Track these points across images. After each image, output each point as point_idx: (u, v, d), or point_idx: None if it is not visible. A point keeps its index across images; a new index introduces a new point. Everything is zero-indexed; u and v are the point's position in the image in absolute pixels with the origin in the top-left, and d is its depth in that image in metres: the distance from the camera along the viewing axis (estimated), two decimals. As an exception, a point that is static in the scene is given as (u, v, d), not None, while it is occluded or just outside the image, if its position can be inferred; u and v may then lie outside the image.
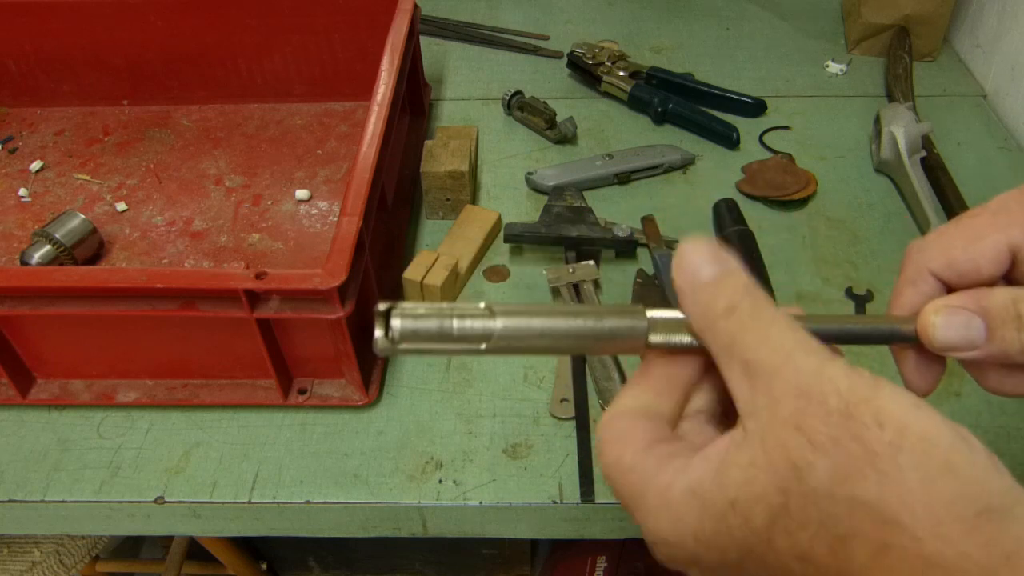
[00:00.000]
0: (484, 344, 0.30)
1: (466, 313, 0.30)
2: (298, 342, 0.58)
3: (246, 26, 0.85)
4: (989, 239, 0.32)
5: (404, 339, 0.29)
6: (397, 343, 0.29)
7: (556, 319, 0.30)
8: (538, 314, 0.30)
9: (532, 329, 0.30)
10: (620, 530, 0.57)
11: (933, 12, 0.92)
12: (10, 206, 0.80)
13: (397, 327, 0.29)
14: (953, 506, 0.23)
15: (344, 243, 0.53)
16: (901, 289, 0.34)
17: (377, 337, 0.29)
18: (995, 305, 0.30)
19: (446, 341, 0.30)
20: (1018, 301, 0.30)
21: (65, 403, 0.61)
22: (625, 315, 0.31)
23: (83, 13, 0.84)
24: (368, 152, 0.60)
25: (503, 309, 0.30)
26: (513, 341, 0.30)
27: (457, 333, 0.30)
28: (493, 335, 0.30)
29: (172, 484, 0.57)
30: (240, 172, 0.82)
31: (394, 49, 0.72)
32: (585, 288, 0.66)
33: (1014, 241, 0.32)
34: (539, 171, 0.79)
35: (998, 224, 0.32)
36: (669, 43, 1.00)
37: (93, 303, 0.54)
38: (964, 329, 0.30)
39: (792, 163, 0.80)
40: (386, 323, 0.29)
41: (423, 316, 0.29)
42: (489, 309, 0.30)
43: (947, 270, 0.33)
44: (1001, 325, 0.30)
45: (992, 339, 0.30)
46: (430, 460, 0.57)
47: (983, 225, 0.33)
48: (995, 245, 0.32)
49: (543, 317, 0.30)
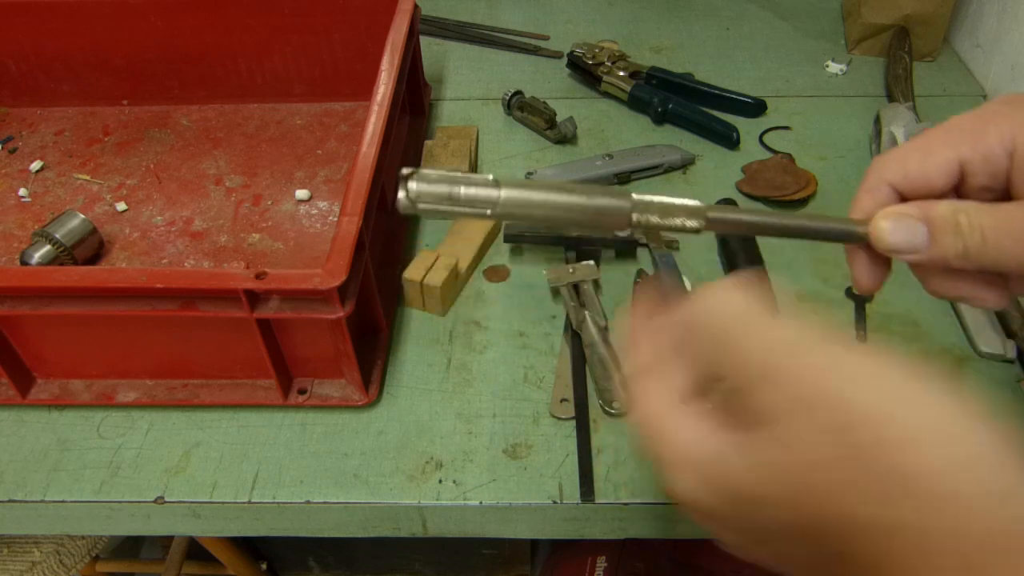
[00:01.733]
0: (489, 210, 0.35)
1: (474, 182, 0.35)
2: (298, 342, 0.58)
3: (246, 26, 0.85)
4: (941, 155, 0.35)
5: (420, 199, 0.35)
6: (415, 202, 0.35)
7: (553, 194, 0.36)
8: (538, 188, 0.36)
9: (532, 200, 0.35)
10: (620, 530, 0.57)
11: (933, 12, 0.92)
12: (10, 206, 0.80)
13: (414, 189, 0.35)
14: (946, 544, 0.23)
15: (344, 243, 0.53)
16: (860, 196, 0.37)
17: (399, 197, 0.35)
18: (938, 215, 0.33)
19: (456, 204, 0.35)
20: (958, 212, 0.33)
21: (65, 403, 0.61)
22: (613, 195, 0.36)
23: (83, 13, 0.84)
24: (368, 152, 0.60)
25: (507, 181, 0.35)
26: (514, 209, 0.35)
27: (464, 198, 0.35)
28: (498, 203, 0.35)
29: (172, 484, 0.57)
30: (240, 172, 0.83)
31: (394, 49, 0.72)
32: (585, 288, 0.66)
33: (963, 157, 0.35)
34: (539, 171, 0.79)
35: (950, 141, 0.35)
36: (669, 43, 1.00)
37: (93, 303, 0.54)
38: (909, 234, 0.34)
39: (792, 163, 0.80)
40: (407, 186, 0.35)
41: (437, 181, 0.35)
42: (496, 181, 0.35)
43: (903, 181, 0.36)
44: (942, 232, 0.33)
45: (933, 244, 0.33)
46: (430, 460, 0.57)
47: (936, 142, 0.36)
48: (946, 160, 0.35)
49: (542, 191, 0.36)
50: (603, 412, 0.59)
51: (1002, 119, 0.35)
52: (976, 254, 0.33)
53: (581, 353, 0.63)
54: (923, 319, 0.66)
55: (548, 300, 0.68)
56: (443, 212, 0.35)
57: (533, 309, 0.68)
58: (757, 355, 0.28)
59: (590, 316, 0.64)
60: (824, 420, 0.25)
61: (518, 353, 0.64)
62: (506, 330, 0.66)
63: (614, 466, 0.56)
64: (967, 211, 0.33)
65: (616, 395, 0.59)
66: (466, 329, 0.66)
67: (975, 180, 0.36)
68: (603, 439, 0.58)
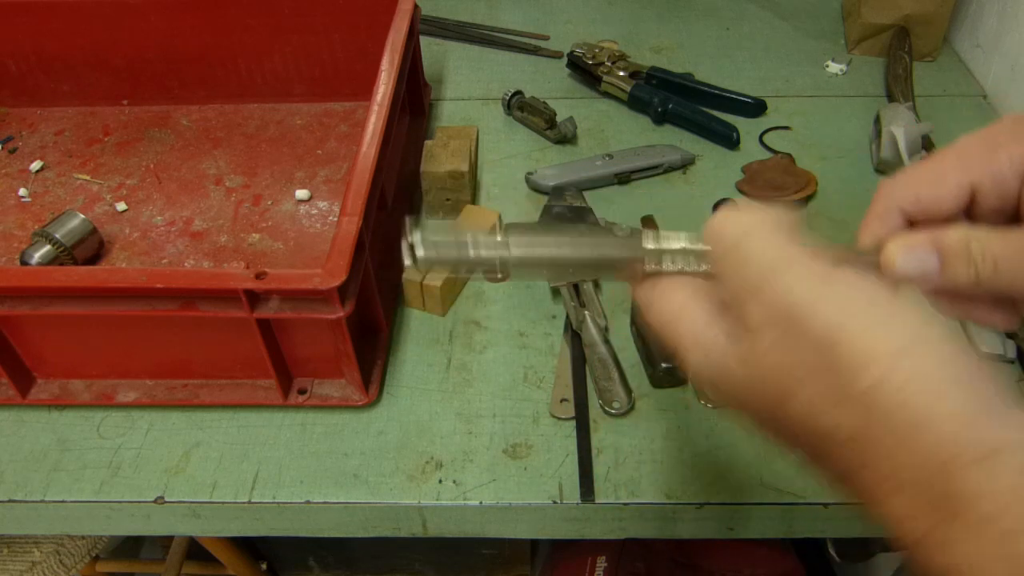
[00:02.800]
0: (500, 274, 0.35)
1: (481, 244, 0.35)
2: (298, 342, 0.58)
3: (246, 26, 0.85)
4: (952, 178, 0.35)
5: (427, 264, 0.34)
6: (421, 267, 0.35)
7: (563, 250, 0.35)
8: (546, 245, 0.35)
9: (541, 258, 0.35)
10: (620, 530, 0.57)
11: (933, 12, 0.92)
12: (10, 206, 0.80)
13: (421, 256, 0.34)
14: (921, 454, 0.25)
15: (344, 243, 0.53)
16: (869, 222, 0.37)
17: (406, 264, 0.34)
18: (949, 243, 0.33)
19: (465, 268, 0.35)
20: (969, 239, 0.33)
21: (65, 403, 0.61)
22: (624, 247, 0.35)
23: (83, 13, 0.84)
24: (368, 152, 0.60)
25: (517, 241, 0.35)
26: (524, 270, 0.35)
27: (474, 260, 0.35)
28: (508, 264, 0.35)
29: (172, 484, 0.57)
30: (240, 172, 0.82)
31: (394, 49, 0.72)
32: (585, 288, 0.66)
33: (974, 180, 0.35)
34: (539, 171, 0.79)
35: (960, 164, 0.36)
36: (669, 43, 1.00)
37: (93, 303, 0.54)
38: (920, 263, 0.34)
39: (792, 163, 0.80)
40: (415, 255, 0.34)
41: (444, 245, 0.34)
42: (505, 241, 0.34)
43: (914, 206, 0.36)
44: (953, 260, 0.33)
45: (945, 272, 0.33)
46: (430, 460, 0.57)
47: (946, 166, 0.36)
48: (957, 184, 0.35)
49: (551, 248, 0.35)
50: (603, 412, 0.59)
51: (1012, 140, 0.35)
52: (988, 280, 0.33)
53: (581, 353, 0.63)
54: (923, 319, 0.66)
55: (548, 300, 0.68)
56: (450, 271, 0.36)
57: (533, 309, 0.68)
58: (755, 268, 0.31)
59: (590, 316, 0.64)
60: (793, 332, 0.28)
61: (518, 353, 0.64)
62: (506, 330, 0.66)
63: (614, 466, 0.56)
64: (978, 238, 0.33)
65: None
66: (466, 329, 0.66)
67: (985, 202, 0.36)
68: (603, 439, 0.58)
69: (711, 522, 0.57)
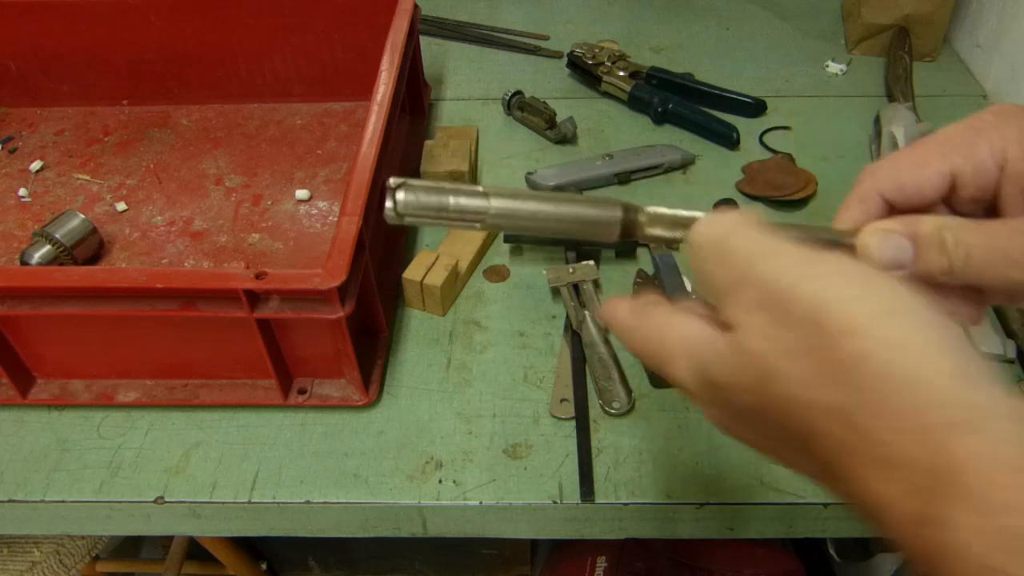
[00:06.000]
0: (479, 223, 0.35)
1: (463, 192, 0.34)
2: (298, 342, 0.58)
3: (246, 26, 0.85)
4: (933, 166, 0.36)
5: (408, 211, 0.34)
6: (402, 214, 0.34)
7: (543, 204, 0.35)
8: (528, 198, 0.35)
9: (521, 211, 0.35)
10: (620, 530, 0.57)
11: (933, 12, 0.92)
12: (10, 206, 0.80)
13: (401, 200, 0.34)
14: (904, 418, 0.25)
15: (344, 243, 0.53)
16: (850, 204, 0.38)
17: (387, 207, 0.34)
18: (924, 232, 0.34)
19: (445, 215, 0.35)
20: (943, 229, 0.34)
21: (65, 403, 0.61)
22: (603, 206, 0.36)
23: (83, 13, 0.84)
24: (368, 152, 0.60)
25: (497, 191, 0.35)
26: (504, 220, 0.35)
27: (454, 209, 0.34)
28: (488, 213, 0.34)
29: (172, 484, 0.57)
30: (240, 172, 0.83)
31: (394, 49, 0.72)
32: (585, 288, 0.66)
33: (955, 167, 0.36)
34: (539, 171, 0.79)
35: (942, 152, 0.36)
36: (669, 43, 1.00)
37: (93, 303, 0.54)
38: (895, 250, 0.34)
39: (792, 163, 0.80)
40: (395, 196, 0.34)
41: (425, 192, 0.34)
42: (485, 191, 0.34)
43: (895, 192, 0.37)
44: (927, 249, 0.34)
45: (919, 260, 0.34)
46: (430, 460, 0.57)
47: (928, 153, 0.36)
48: (938, 172, 0.36)
49: (532, 201, 0.35)
50: (603, 412, 0.59)
51: (994, 131, 0.35)
52: (960, 271, 0.33)
53: (581, 353, 0.63)
54: (923, 319, 0.66)
55: (548, 300, 0.68)
56: (431, 223, 0.35)
57: (533, 309, 0.68)
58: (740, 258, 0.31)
59: (590, 316, 0.64)
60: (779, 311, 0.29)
61: (518, 353, 0.64)
62: (506, 330, 0.66)
63: (614, 466, 0.56)
64: (952, 228, 0.34)
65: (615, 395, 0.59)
66: (466, 329, 0.66)
67: (965, 191, 0.36)
68: (603, 439, 0.58)
69: (711, 522, 0.57)
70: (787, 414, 0.29)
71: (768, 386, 0.29)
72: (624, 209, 0.36)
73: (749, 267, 0.30)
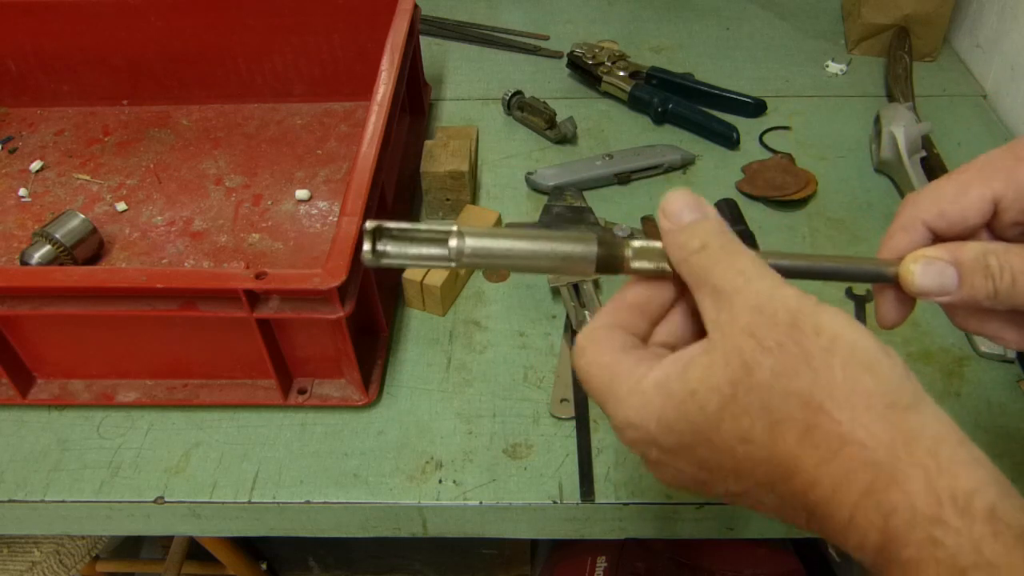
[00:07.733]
0: (455, 263, 0.35)
1: (437, 237, 0.35)
2: (298, 342, 0.58)
3: (246, 26, 0.85)
4: (976, 191, 0.36)
5: (385, 257, 0.35)
6: (379, 258, 0.35)
7: (517, 242, 0.36)
8: (502, 236, 0.36)
9: (495, 250, 0.36)
10: (620, 530, 0.57)
11: (933, 12, 0.92)
12: (10, 206, 0.80)
13: (379, 247, 0.35)
14: (869, 398, 0.29)
15: (344, 243, 0.53)
16: (894, 233, 0.38)
17: (364, 251, 0.35)
18: (967, 257, 0.34)
19: (421, 258, 0.36)
20: (987, 254, 0.34)
21: (65, 403, 0.61)
22: (578, 242, 0.36)
23: (83, 13, 0.84)
24: (368, 152, 0.60)
25: (471, 231, 0.35)
26: (479, 259, 0.36)
27: (427, 255, 0.35)
28: (463, 254, 0.35)
29: (172, 484, 0.57)
30: (240, 172, 0.82)
31: (394, 49, 0.72)
32: (585, 288, 0.66)
33: (996, 193, 0.36)
34: (539, 171, 0.79)
35: (983, 177, 0.36)
36: (669, 43, 1.00)
37: (93, 303, 0.54)
38: (939, 277, 0.35)
39: (792, 163, 0.80)
40: (373, 240, 0.35)
41: (401, 238, 0.35)
42: (460, 231, 0.35)
43: (938, 219, 0.37)
44: (971, 275, 0.34)
45: (963, 287, 0.34)
46: (430, 460, 0.57)
47: (970, 179, 0.37)
48: (980, 197, 0.36)
49: (506, 239, 0.36)
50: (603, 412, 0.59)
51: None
52: (1006, 295, 0.34)
53: (581, 353, 0.63)
54: (923, 319, 0.66)
55: (548, 300, 0.68)
56: (407, 265, 0.36)
57: (533, 309, 0.68)
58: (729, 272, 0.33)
59: (590, 316, 0.64)
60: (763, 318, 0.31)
61: (518, 353, 0.64)
62: (506, 330, 0.66)
63: (614, 466, 0.56)
64: (997, 253, 0.34)
65: None
66: (466, 329, 0.66)
67: (1007, 216, 0.36)
68: (603, 439, 0.58)
69: (711, 522, 0.57)
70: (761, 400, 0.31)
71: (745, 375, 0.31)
72: (602, 244, 0.36)
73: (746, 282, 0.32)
